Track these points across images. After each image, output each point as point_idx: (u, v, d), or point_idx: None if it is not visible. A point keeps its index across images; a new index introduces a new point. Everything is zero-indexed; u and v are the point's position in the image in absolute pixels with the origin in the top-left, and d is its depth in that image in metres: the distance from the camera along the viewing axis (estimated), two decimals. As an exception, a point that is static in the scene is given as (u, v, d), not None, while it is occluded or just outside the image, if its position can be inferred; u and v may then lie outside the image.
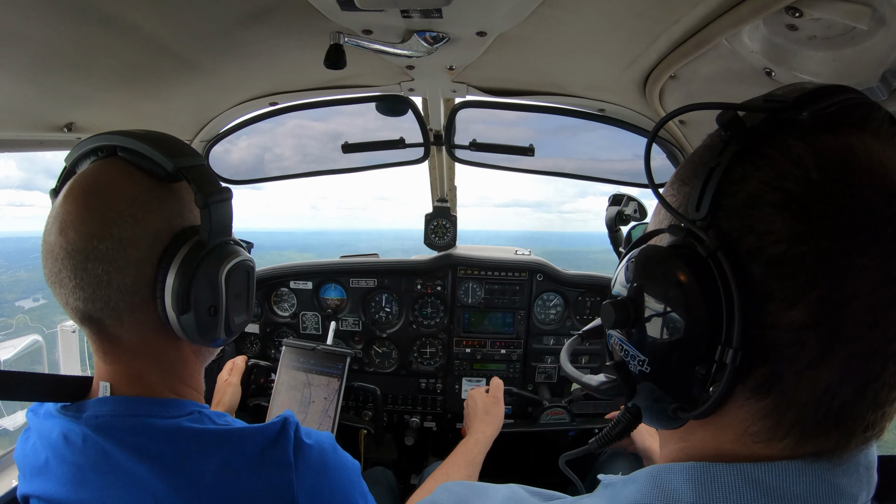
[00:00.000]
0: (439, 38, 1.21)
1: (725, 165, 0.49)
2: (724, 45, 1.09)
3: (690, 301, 0.49)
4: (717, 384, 0.48)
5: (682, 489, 0.52)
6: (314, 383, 1.93)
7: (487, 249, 2.71)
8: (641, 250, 0.56)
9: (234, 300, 0.88)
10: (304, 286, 2.56)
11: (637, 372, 0.55)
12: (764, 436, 0.50)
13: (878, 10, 0.79)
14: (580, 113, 1.96)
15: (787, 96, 0.51)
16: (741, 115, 0.50)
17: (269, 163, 2.43)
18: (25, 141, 1.37)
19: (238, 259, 0.87)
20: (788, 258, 0.45)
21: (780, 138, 0.49)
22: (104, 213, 0.78)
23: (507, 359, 2.55)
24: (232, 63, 1.45)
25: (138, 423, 0.80)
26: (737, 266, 0.47)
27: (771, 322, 0.46)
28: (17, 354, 4.52)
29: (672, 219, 0.56)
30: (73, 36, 1.02)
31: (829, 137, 0.48)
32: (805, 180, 0.46)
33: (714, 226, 0.49)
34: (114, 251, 0.77)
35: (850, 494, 0.49)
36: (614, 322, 0.55)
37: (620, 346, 0.57)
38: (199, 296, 0.81)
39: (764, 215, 0.47)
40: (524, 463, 2.76)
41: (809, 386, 0.46)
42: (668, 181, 0.60)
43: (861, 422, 0.48)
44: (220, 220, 0.85)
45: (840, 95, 0.50)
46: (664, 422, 0.56)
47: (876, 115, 0.50)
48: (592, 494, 0.63)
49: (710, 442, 0.54)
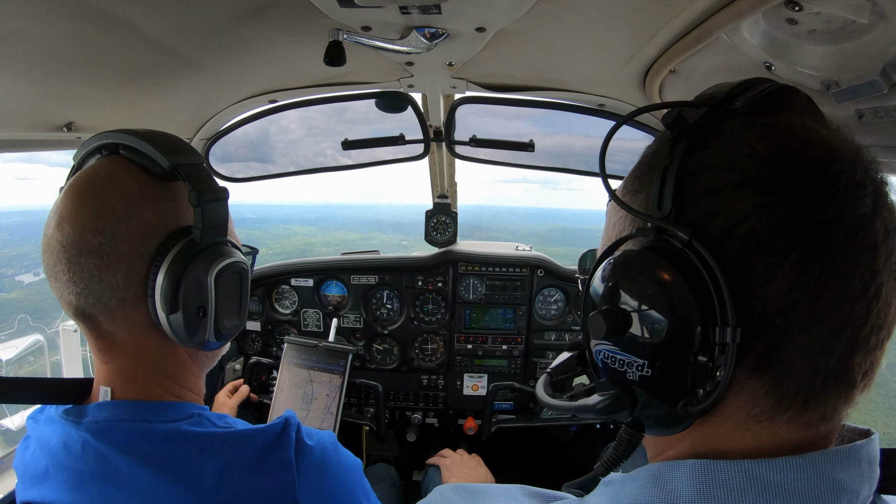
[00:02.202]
0: (438, 34, 1.21)
1: (679, 161, 0.52)
2: (724, 39, 1.09)
3: (679, 293, 0.50)
4: (722, 368, 0.48)
5: (683, 487, 0.52)
6: (316, 380, 1.94)
7: (488, 245, 2.71)
8: (615, 258, 0.57)
9: (225, 302, 0.85)
10: (305, 283, 2.56)
11: (637, 378, 0.54)
12: (768, 413, 0.50)
13: (877, 3, 0.78)
14: (580, 108, 1.96)
15: (719, 92, 0.56)
16: (683, 114, 0.54)
17: (269, 160, 2.43)
18: (25, 141, 1.37)
19: (229, 260, 0.85)
20: (758, 230, 0.48)
21: (723, 127, 0.53)
22: (98, 208, 0.78)
23: (509, 354, 2.56)
24: (231, 61, 1.45)
25: (138, 428, 0.80)
26: (713, 249, 0.48)
27: (758, 295, 0.48)
28: (19, 354, 4.54)
29: (635, 224, 0.58)
30: (73, 35, 1.02)
31: (765, 119, 0.53)
32: (756, 157, 0.50)
33: (680, 219, 0.52)
34: (106, 246, 0.77)
35: (851, 490, 0.49)
36: (607, 332, 0.54)
37: (612, 357, 0.56)
38: (188, 295, 0.80)
39: (726, 197, 0.49)
40: (525, 458, 2.77)
41: (805, 349, 0.48)
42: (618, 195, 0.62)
43: (859, 371, 0.49)
44: (214, 220, 0.84)
45: (763, 84, 0.55)
46: (670, 425, 0.55)
47: (798, 97, 0.56)
48: (593, 493, 0.63)
49: (710, 436, 0.54)
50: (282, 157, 2.51)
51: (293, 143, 2.57)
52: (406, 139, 2.12)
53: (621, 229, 0.62)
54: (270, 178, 2.43)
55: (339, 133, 2.19)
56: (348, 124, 2.18)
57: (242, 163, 2.37)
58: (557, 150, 2.32)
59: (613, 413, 0.57)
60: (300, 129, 2.41)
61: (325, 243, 78.48)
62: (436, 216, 2.52)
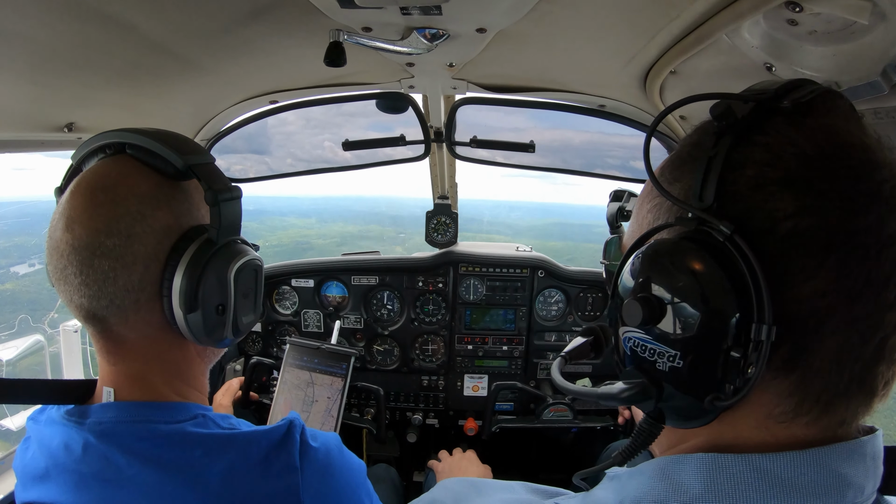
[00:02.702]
0: (439, 35, 1.21)
1: (724, 153, 0.51)
2: (725, 40, 1.09)
3: (718, 286, 0.49)
4: (753, 366, 0.48)
5: (690, 481, 0.52)
6: (317, 382, 1.93)
7: (488, 246, 2.71)
8: (650, 246, 0.56)
9: (243, 299, 0.87)
10: (305, 284, 2.56)
11: (668, 369, 0.53)
12: (789, 414, 0.50)
13: (878, 4, 0.78)
14: (581, 109, 1.96)
15: (767, 89, 0.54)
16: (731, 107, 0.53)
17: (269, 161, 2.43)
18: (26, 141, 1.37)
19: (247, 258, 0.87)
20: (800, 231, 0.47)
21: (770, 124, 0.52)
22: (112, 209, 0.77)
23: (509, 355, 2.56)
24: (232, 61, 1.45)
25: (142, 429, 0.80)
26: (754, 245, 0.48)
27: (792, 296, 0.48)
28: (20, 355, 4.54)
29: (675, 213, 0.56)
30: (74, 36, 1.02)
31: (810, 120, 0.52)
32: (802, 156, 0.49)
33: (723, 212, 0.51)
34: (121, 247, 0.77)
35: (857, 485, 0.50)
36: (642, 320, 0.53)
37: (643, 345, 0.55)
38: (208, 294, 0.81)
39: (769, 194, 0.49)
40: (526, 459, 2.77)
41: (833, 353, 0.48)
42: (651, 186, 0.61)
43: (882, 379, 0.50)
44: (230, 219, 0.84)
45: (810, 86, 0.54)
46: (695, 418, 0.54)
47: (841, 102, 0.55)
48: (598, 487, 0.63)
49: (727, 432, 0.54)
50: (281, 157, 2.51)
51: (293, 144, 2.58)
52: (407, 140, 2.13)
53: (656, 217, 0.60)
54: (270, 178, 2.44)
55: (335, 125, 2.20)
56: (346, 116, 2.18)
57: (243, 163, 2.38)
58: (558, 151, 2.32)
59: (638, 402, 0.57)
60: (300, 130, 2.41)
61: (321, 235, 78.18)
62: (436, 217, 2.53)
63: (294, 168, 2.44)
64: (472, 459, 1.98)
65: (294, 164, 2.45)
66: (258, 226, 79.70)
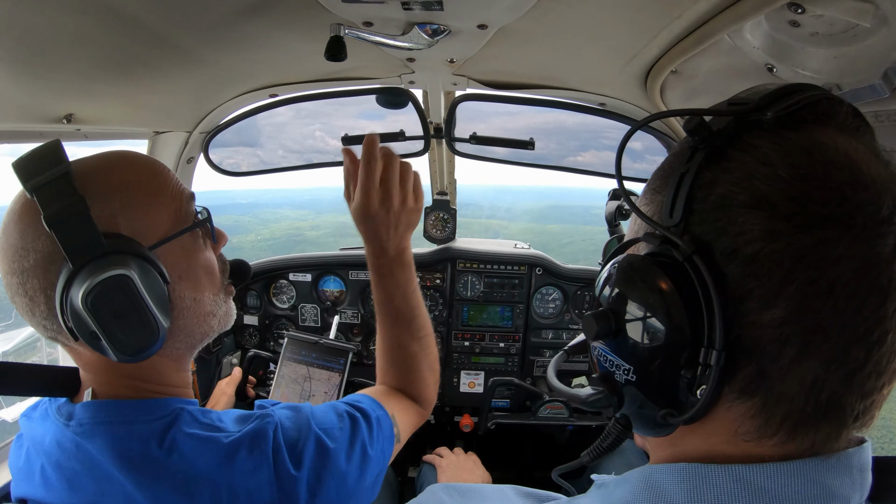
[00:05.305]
0: (440, 31, 1.20)
1: (695, 170, 0.50)
2: (726, 40, 1.09)
3: (671, 306, 0.49)
4: (704, 387, 0.48)
5: (673, 490, 0.52)
6: (315, 377, 1.94)
7: (486, 243, 2.71)
8: (620, 260, 0.57)
9: (117, 321, 0.75)
10: (303, 278, 2.56)
11: (623, 381, 0.55)
12: (754, 434, 0.50)
13: (880, 7, 0.78)
14: (581, 107, 1.96)
15: (750, 98, 0.52)
16: (707, 120, 0.51)
17: (268, 155, 2.42)
18: (24, 132, 1.36)
19: (98, 279, 0.72)
20: (763, 256, 0.45)
21: (747, 139, 0.50)
22: (7, 248, 0.78)
23: (506, 352, 2.56)
24: (232, 54, 1.44)
25: (121, 431, 0.79)
26: (714, 268, 0.47)
27: (752, 321, 0.46)
28: (15, 346, 4.53)
29: (648, 227, 0.56)
30: (71, 27, 1.02)
31: (793, 135, 0.49)
32: (773, 178, 0.47)
33: (688, 231, 0.50)
34: (21, 285, 0.77)
35: (841, 496, 0.49)
36: (596, 333, 0.55)
37: (605, 356, 0.57)
38: (77, 324, 0.75)
39: (735, 216, 0.47)
40: (521, 457, 2.78)
41: (796, 380, 0.46)
42: (642, 191, 0.61)
43: (851, 412, 0.48)
44: (75, 237, 0.74)
45: (803, 93, 0.51)
46: (654, 429, 0.56)
47: (839, 110, 0.51)
48: (585, 495, 0.64)
49: (700, 445, 0.54)
50: (280, 151, 2.50)
51: (292, 138, 2.56)
52: (406, 135, 2.12)
53: (637, 229, 0.60)
54: (269, 172, 2.43)
55: (326, 114, 2.19)
56: (336, 105, 2.17)
57: (241, 156, 2.37)
58: (557, 149, 2.32)
59: (600, 407, 0.59)
60: (299, 124, 2.40)
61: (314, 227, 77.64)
62: (434, 213, 2.52)
63: (287, 161, 2.42)
64: (476, 463, 1.99)
65: (286, 157, 2.43)
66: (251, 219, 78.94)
